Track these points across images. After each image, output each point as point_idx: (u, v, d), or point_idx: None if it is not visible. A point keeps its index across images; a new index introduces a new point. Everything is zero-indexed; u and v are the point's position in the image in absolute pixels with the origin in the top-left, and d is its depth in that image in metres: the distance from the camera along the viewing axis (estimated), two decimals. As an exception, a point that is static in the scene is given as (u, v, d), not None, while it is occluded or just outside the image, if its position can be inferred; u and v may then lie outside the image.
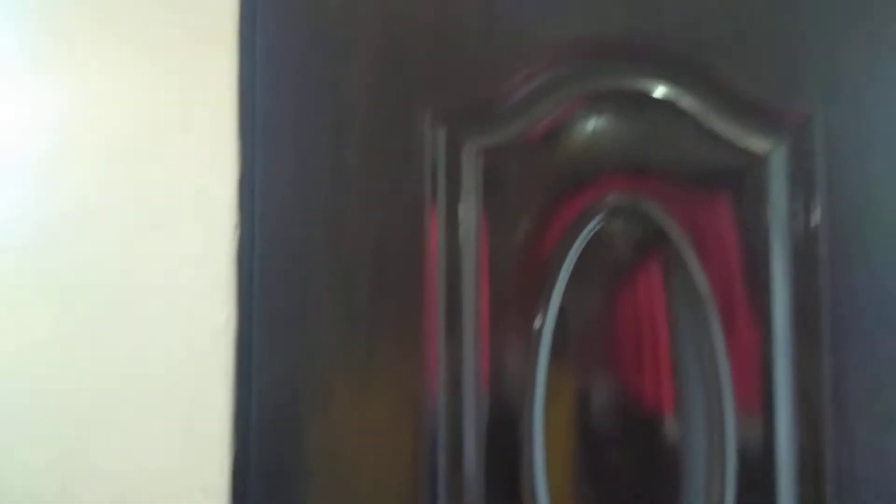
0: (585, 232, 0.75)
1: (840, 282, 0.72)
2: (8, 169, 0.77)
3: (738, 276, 0.74)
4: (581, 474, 0.75)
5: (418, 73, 0.75)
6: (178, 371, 0.73)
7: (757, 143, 0.76)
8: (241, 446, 0.73)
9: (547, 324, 0.73)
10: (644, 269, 0.76)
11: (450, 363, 0.73)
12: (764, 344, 0.72)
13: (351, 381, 0.74)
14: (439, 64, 0.75)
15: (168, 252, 0.74)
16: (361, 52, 0.76)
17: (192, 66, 0.75)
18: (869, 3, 0.76)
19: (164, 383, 0.73)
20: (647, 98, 0.76)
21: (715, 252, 0.74)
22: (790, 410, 0.71)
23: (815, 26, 0.76)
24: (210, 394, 0.72)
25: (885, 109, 0.75)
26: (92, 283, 0.74)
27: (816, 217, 0.73)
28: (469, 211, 0.75)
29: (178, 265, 0.73)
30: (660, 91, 0.76)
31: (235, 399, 0.73)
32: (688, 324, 0.73)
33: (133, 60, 0.76)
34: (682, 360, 0.73)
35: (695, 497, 0.72)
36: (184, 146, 0.74)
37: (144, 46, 0.76)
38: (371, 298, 0.74)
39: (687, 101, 0.76)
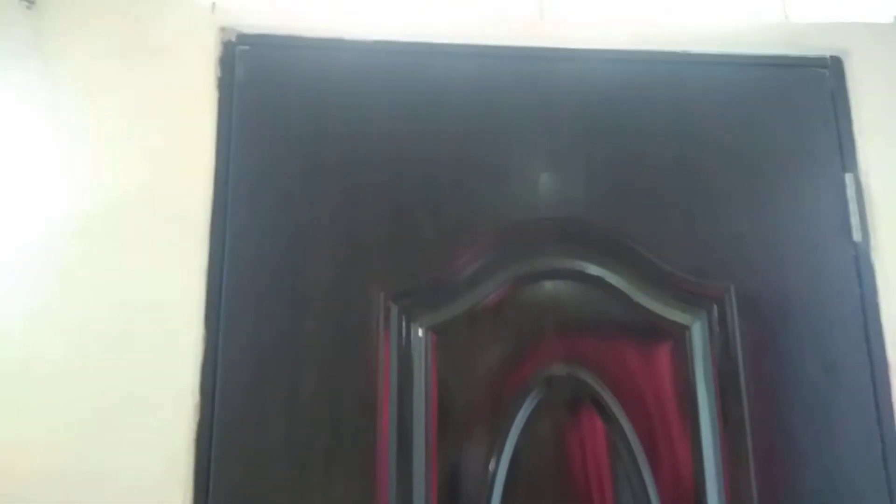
0: (530, 398, 0.81)
1: (761, 419, 0.82)
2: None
3: (669, 422, 0.83)
4: None
5: (372, 258, 0.82)
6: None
7: (680, 315, 0.85)
8: None
9: (499, 473, 0.78)
10: (584, 422, 0.82)
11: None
12: (696, 483, 0.81)
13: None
14: (391, 250, 0.82)
15: (127, 437, 0.74)
16: (320, 240, 0.82)
17: (164, 256, 0.79)
18: (772, 189, 0.89)
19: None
20: (580, 275, 0.85)
21: (646, 405, 0.83)
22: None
23: (725, 212, 0.88)
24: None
25: (790, 279, 0.87)
26: (48, 471, 0.73)
27: (737, 370, 0.83)
28: (420, 378, 0.80)
29: (136, 450, 0.73)
30: (591, 269, 0.85)
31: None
32: (624, 469, 0.80)
33: (105, 248, 0.79)
34: (621, 499, 0.80)
35: None
36: (151, 331, 0.77)
37: (119, 237, 0.80)
38: (327, 472, 0.76)
39: (615, 279, 0.85)
